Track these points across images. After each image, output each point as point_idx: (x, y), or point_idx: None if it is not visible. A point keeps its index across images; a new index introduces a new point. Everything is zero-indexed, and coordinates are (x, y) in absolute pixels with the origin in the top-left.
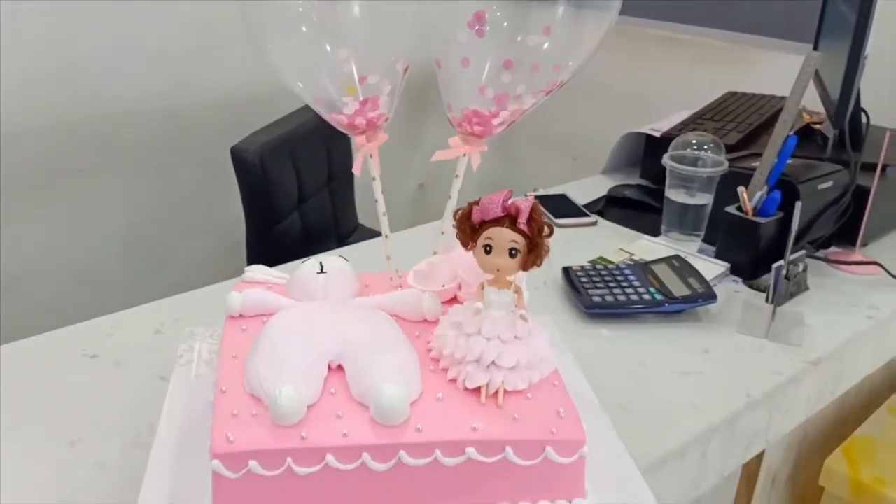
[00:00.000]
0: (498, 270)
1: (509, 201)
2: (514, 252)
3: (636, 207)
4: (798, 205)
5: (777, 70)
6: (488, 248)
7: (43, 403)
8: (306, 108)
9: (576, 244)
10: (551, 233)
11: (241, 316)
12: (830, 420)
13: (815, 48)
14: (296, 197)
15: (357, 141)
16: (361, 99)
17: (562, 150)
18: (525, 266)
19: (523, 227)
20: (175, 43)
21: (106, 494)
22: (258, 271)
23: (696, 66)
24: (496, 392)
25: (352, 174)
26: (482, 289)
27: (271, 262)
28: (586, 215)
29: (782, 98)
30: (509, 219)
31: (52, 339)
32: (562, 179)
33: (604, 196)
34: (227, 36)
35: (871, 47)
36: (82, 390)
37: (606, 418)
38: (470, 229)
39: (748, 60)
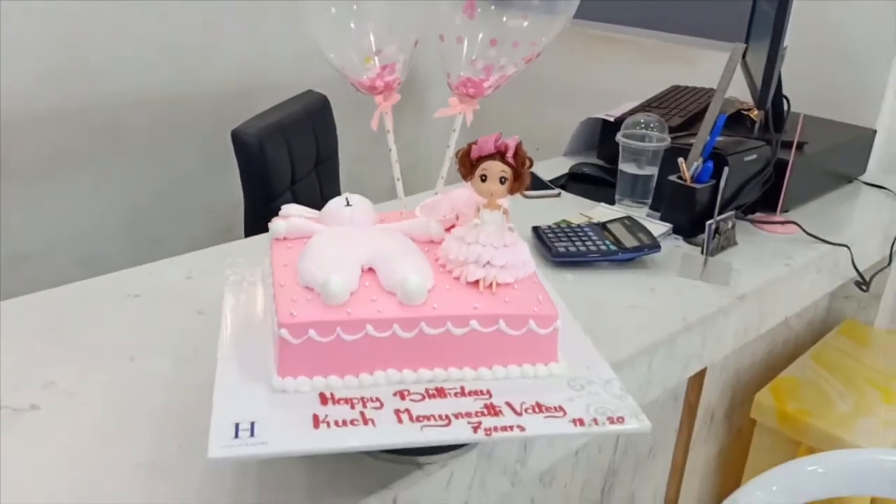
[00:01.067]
0: (491, 195)
1: (499, 141)
2: (503, 180)
3: (594, 183)
4: (725, 170)
5: (715, 67)
6: (483, 178)
7: (99, 331)
8: (298, 97)
9: (542, 212)
10: (532, 164)
11: (285, 239)
12: (761, 367)
13: (746, 45)
14: (289, 177)
15: (376, 100)
16: (380, 66)
17: (526, 142)
18: (512, 191)
19: (511, 160)
20: (177, 36)
21: (165, 397)
22: (293, 208)
23: (645, 64)
24: (490, 284)
25: (337, 159)
26: (478, 210)
27: None
28: (551, 188)
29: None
30: (500, 154)
31: (97, 283)
32: None
33: (566, 173)
34: (225, 30)
35: (790, 41)
36: (131, 321)
37: (571, 316)
38: (469, 164)
39: (691, 59)
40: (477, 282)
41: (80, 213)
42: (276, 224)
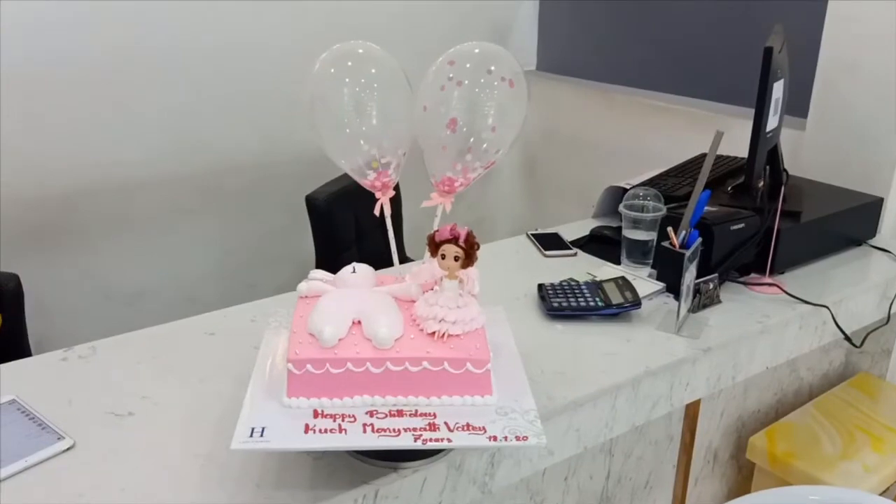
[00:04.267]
0: (448, 269)
1: (454, 230)
2: (457, 258)
3: (611, 243)
4: (698, 240)
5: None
6: (443, 256)
7: (183, 359)
8: None
9: (556, 269)
10: (479, 247)
11: (306, 296)
12: (769, 413)
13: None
14: (354, 234)
15: (377, 195)
16: (379, 170)
17: (582, 200)
18: (464, 266)
19: (462, 244)
20: (265, 117)
21: (223, 410)
22: (318, 273)
23: (691, 130)
24: (443, 335)
25: (401, 218)
26: (441, 280)
27: None
28: (569, 248)
29: (741, 158)
30: (454, 239)
31: (185, 323)
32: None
33: (587, 234)
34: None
35: (812, 118)
36: (205, 353)
37: (519, 360)
38: (434, 246)
39: (725, 126)
40: (434, 333)
41: (186, 258)
42: (300, 286)
